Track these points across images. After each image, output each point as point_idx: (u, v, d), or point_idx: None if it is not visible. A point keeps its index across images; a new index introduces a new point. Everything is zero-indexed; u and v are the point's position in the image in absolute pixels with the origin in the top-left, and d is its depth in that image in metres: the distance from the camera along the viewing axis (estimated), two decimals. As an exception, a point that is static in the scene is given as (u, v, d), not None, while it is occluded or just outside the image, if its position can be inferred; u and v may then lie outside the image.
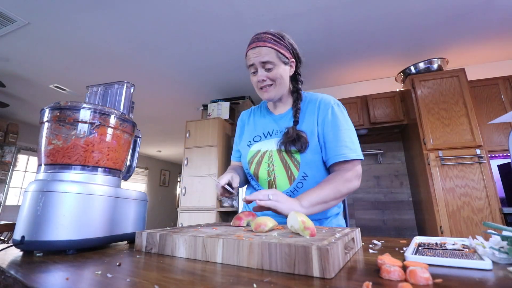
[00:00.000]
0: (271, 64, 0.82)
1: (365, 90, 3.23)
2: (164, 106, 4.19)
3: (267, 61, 0.82)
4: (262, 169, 0.87)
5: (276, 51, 0.83)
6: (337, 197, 0.76)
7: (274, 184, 0.85)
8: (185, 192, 3.08)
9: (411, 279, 0.29)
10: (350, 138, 0.81)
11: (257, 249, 0.38)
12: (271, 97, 0.87)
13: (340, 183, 0.76)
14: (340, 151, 0.80)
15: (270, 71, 0.83)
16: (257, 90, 0.89)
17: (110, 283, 0.32)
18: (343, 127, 0.82)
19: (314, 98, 0.90)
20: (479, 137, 2.15)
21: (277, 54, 0.83)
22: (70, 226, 0.51)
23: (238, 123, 1.06)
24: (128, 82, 0.77)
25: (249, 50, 0.85)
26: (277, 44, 0.83)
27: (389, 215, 2.87)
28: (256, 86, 0.88)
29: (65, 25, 2.31)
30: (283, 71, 0.85)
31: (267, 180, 0.86)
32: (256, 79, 0.85)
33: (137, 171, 7.30)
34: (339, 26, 2.37)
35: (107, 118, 0.63)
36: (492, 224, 0.38)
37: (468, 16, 2.25)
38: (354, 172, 0.79)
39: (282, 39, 0.85)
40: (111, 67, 3.03)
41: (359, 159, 0.80)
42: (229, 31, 2.42)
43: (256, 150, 0.90)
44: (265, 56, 0.82)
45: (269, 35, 0.84)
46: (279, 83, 0.85)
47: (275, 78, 0.84)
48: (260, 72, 0.83)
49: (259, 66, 0.83)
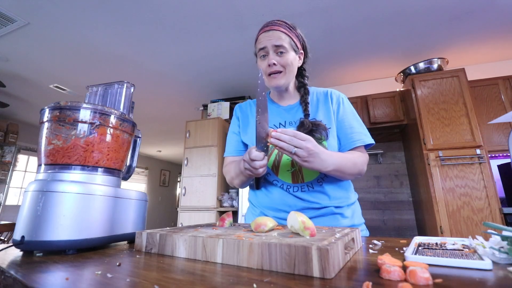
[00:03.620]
0: (283, 49, 0.80)
1: (365, 90, 3.23)
2: (164, 106, 4.19)
3: (280, 45, 0.80)
4: (285, 159, 0.82)
5: (288, 37, 0.82)
6: (352, 173, 0.78)
7: (300, 175, 0.81)
8: (185, 192, 3.08)
9: (411, 279, 0.29)
10: (362, 126, 0.87)
11: (257, 249, 0.38)
12: (279, 85, 0.84)
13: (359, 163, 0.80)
14: (357, 136, 0.83)
15: (281, 56, 0.81)
16: (264, 76, 0.84)
17: (110, 283, 0.32)
18: (355, 116, 0.88)
19: (320, 90, 0.93)
20: (479, 137, 2.15)
21: (289, 40, 0.82)
22: (70, 226, 0.51)
23: (236, 114, 0.99)
24: (128, 82, 0.77)
25: (261, 34, 0.83)
26: (290, 32, 0.83)
27: (389, 215, 2.87)
28: (265, 72, 0.84)
29: (65, 25, 2.32)
30: (293, 59, 0.83)
31: (290, 171, 0.81)
32: (266, 63, 0.82)
33: (137, 171, 7.30)
34: (339, 26, 2.37)
35: (107, 118, 0.63)
36: (492, 224, 0.38)
37: (468, 16, 2.25)
38: (366, 157, 0.84)
39: (294, 28, 0.85)
40: (111, 67, 3.03)
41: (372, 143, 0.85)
42: (229, 31, 2.42)
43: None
44: (278, 39, 0.80)
45: (283, 22, 0.84)
46: (288, 71, 0.83)
47: (286, 64, 0.82)
48: (272, 55, 0.81)
49: (271, 49, 0.81)
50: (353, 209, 0.86)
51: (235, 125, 0.97)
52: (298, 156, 0.66)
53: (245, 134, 0.93)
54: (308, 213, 0.79)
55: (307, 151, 0.65)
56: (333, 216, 0.81)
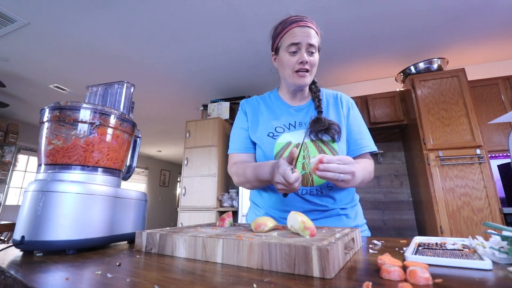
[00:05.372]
0: (314, 48, 0.78)
1: (365, 90, 3.23)
2: (164, 106, 4.19)
3: (313, 45, 0.77)
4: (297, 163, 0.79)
5: (318, 37, 0.80)
6: (368, 182, 0.80)
7: (310, 178, 0.78)
8: (185, 192, 3.08)
9: (411, 279, 0.29)
10: (368, 132, 0.89)
11: (257, 249, 0.38)
12: (306, 84, 0.82)
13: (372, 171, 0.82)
14: (365, 143, 0.85)
15: (312, 56, 0.79)
16: (291, 72, 0.80)
17: (110, 283, 0.32)
18: (363, 122, 0.90)
19: (329, 92, 0.93)
20: (479, 137, 2.15)
21: (318, 40, 0.80)
22: (70, 226, 0.51)
23: (243, 109, 0.93)
24: (128, 82, 0.77)
25: (296, 27, 0.78)
26: (317, 31, 0.80)
27: (389, 215, 2.87)
28: (292, 68, 0.79)
29: (65, 25, 2.31)
30: (317, 59, 0.81)
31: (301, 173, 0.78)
32: (296, 59, 0.78)
33: (137, 171, 7.30)
34: (339, 26, 2.37)
35: (107, 118, 0.63)
36: (492, 224, 0.38)
37: (468, 16, 2.25)
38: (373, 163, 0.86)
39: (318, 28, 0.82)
40: (111, 67, 3.03)
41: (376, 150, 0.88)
42: (229, 31, 2.42)
43: (285, 141, 0.81)
44: (313, 38, 0.77)
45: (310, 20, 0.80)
46: (313, 71, 0.81)
47: (314, 65, 0.80)
48: (304, 53, 0.77)
49: (304, 47, 0.77)
50: (356, 210, 0.87)
51: (243, 121, 0.91)
52: (343, 181, 0.63)
53: (255, 132, 0.88)
54: (314, 215, 0.79)
55: (352, 175, 0.63)
56: (339, 217, 0.81)
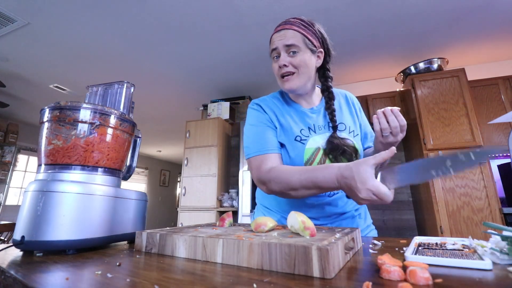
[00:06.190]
0: (295, 48, 0.74)
1: (365, 90, 3.23)
2: (164, 106, 4.19)
3: (291, 44, 0.74)
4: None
5: (302, 35, 0.75)
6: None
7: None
8: (185, 192, 3.08)
9: (411, 279, 0.29)
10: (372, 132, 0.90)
11: (257, 249, 0.38)
12: (292, 88, 0.76)
13: None
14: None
15: (294, 56, 0.75)
16: (278, 79, 0.79)
17: (110, 283, 0.32)
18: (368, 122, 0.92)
19: (338, 91, 0.92)
20: (479, 137, 2.15)
21: (303, 39, 0.75)
22: (70, 226, 0.51)
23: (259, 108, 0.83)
24: (128, 82, 0.77)
25: (273, 34, 0.78)
26: (304, 29, 0.76)
27: (389, 215, 2.87)
28: (277, 74, 0.78)
29: (65, 25, 2.32)
30: (308, 59, 0.76)
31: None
32: (277, 65, 0.77)
33: (137, 171, 7.30)
34: (339, 26, 2.37)
35: (107, 118, 0.63)
36: (492, 224, 0.38)
37: (468, 16, 2.25)
38: None
39: (312, 25, 0.78)
40: (111, 67, 3.03)
41: None
42: (229, 31, 2.42)
43: (314, 147, 0.76)
44: (290, 39, 0.74)
45: (298, 20, 0.78)
46: (302, 72, 0.76)
47: (299, 65, 0.75)
48: (283, 56, 0.75)
49: (282, 50, 0.75)
50: (365, 210, 0.89)
51: (265, 119, 0.81)
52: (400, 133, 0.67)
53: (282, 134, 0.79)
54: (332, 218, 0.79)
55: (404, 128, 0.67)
56: (353, 218, 0.82)
